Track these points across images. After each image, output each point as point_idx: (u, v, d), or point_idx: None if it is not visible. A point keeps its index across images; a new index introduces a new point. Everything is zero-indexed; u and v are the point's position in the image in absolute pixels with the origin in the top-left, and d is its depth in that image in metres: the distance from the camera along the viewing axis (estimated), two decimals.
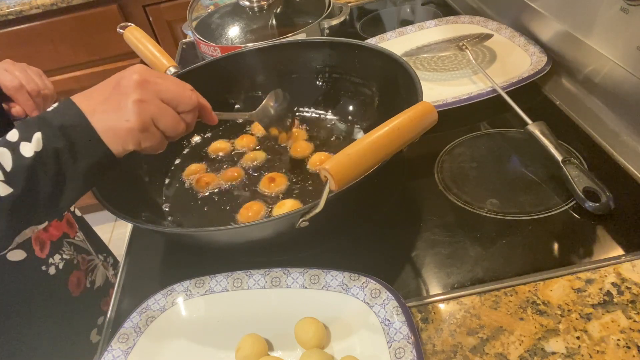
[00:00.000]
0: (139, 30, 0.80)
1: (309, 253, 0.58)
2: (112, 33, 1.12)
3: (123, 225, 2.08)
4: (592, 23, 0.67)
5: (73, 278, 0.79)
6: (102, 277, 0.88)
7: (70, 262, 0.79)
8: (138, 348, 0.50)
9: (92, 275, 0.85)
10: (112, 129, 0.45)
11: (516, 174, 0.63)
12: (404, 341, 0.44)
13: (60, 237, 0.79)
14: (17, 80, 0.73)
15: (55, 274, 0.75)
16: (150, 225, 0.56)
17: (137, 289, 0.61)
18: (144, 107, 0.46)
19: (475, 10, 1.05)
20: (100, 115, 0.45)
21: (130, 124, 0.45)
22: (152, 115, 0.47)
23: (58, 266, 0.76)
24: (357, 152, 0.45)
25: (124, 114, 0.45)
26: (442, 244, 0.56)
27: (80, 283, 0.81)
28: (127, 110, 0.45)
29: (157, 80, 0.48)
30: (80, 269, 0.82)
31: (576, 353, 0.43)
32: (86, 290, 0.82)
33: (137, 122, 0.45)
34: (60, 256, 0.77)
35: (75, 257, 0.81)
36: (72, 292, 0.79)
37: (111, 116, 0.45)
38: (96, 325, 0.82)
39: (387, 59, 0.67)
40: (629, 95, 0.62)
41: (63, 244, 0.79)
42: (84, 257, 0.84)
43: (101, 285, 0.87)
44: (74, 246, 0.82)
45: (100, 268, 0.89)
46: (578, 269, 0.50)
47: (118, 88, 0.46)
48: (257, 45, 0.80)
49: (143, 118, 0.46)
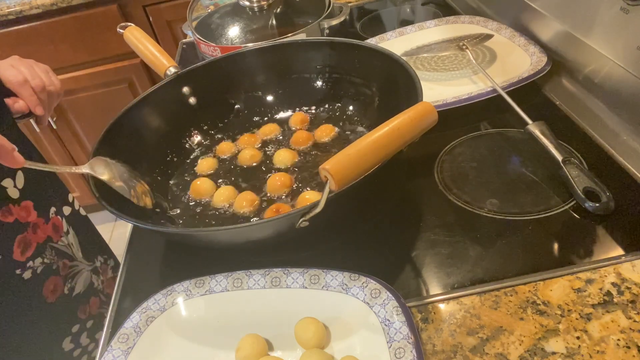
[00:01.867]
0: (139, 30, 0.80)
1: (309, 253, 0.59)
2: (112, 33, 1.12)
3: (123, 225, 2.08)
4: (592, 23, 0.67)
5: (49, 284, 0.78)
6: (83, 283, 0.86)
7: (49, 267, 0.78)
8: (138, 348, 0.50)
9: (72, 282, 0.83)
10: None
11: (516, 174, 0.63)
12: (404, 341, 0.44)
13: (45, 240, 0.78)
14: (22, 75, 0.73)
15: (30, 278, 0.74)
16: (150, 225, 0.56)
17: (137, 289, 0.61)
18: None
19: (475, 10, 1.05)
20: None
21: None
22: None
23: (36, 270, 0.75)
24: (357, 152, 0.45)
25: None
26: (442, 244, 0.56)
27: (57, 289, 0.79)
28: None
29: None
30: (59, 275, 0.80)
31: (576, 353, 0.43)
32: (63, 296, 0.80)
33: None
34: (42, 260, 0.76)
35: (55, 262, 0.80)
36: (47, 297, 0.77)
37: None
38: (70, 334, 0.80)
39: (387, 59, 0.67)
40: (629, 95, 0.63)
41: (46, 247, 0.78)
42: (65, 262, 0.82)
43: (81, 292, 0.85)
44: (56, 250, 0.81)
45: (83, 274, 0.86)
46: (578, 269, 0.50)
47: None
48: (257, 45, 0.80)
49: None
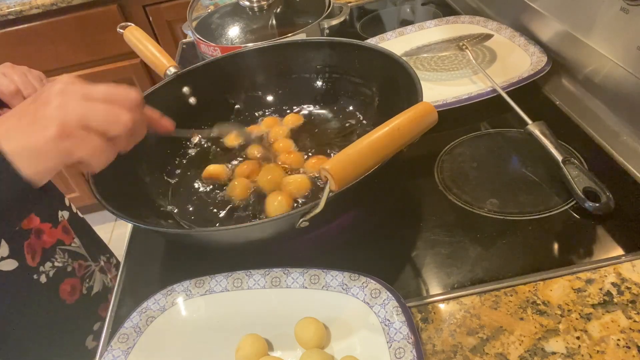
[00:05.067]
0: (139, 30, 0.80)
1: (309, 253, 0.58)
2: (112, 33, 1.11)
3: (123, 225, 2.08)
4: (592, 23, 0.67)
5: (65, 286, 0.78)
6: (99, 283, 0.87)
7: (62, 269, 0.78)
8: (138, 348, 0.50)
9: (89, 282, 0.84)
10: (28, 148, 0.38)
11: (516, 174, 0.63)
12: (404, 341, 0.44)
13: (53, 245, 0.78)
14: (14, 85, 0.70)
15: (46, 282, 0.74)
16: (150, 225, 0.56)
17: (137, 289, 0.61)
18: (65, 110, 0.39)
19: (475, 10, 1.05)
20: (14, 135, 0.38)
21: (49, 132, 0.38)
22: (78, 116, 0.39)
23: (49, 274, 0.75)
24: (357, 152, 0.45)
25: (42, 124, 0.38)
26: (442, 244, 0.56)
27: (74, 290, 0.80)
28: (46, 119, 0.38)
29: (84, 84, 0.41)
30: (75, 276, 0.80)
31: (576, 353, 0.43)
32: (82, 297, 0.81)
33: (57, 127, 0.38)
34: (52, 264, 0.76)
35: (69, 264, 0.80)
36: (66, 300, 0.77)
37: (26, 132, 0.38)
38: (92, 332, 0.81)
39: (387, 59, 0.67)
40: (629, 95, 0.63)
41: (56, 251, 0.78)
42: (80, 263, 0.83)
43: (99, 291, 0.86)
44: (69, 253, 0.81)
45: (97, 274, 0.87)
46: (578, 269, 0.50)
47: (37, 101, 0.40)
48: (257, 45, 0.80)
49: (66, 121, 0.38)
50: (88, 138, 0.39)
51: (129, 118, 0.41)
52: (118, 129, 0.41)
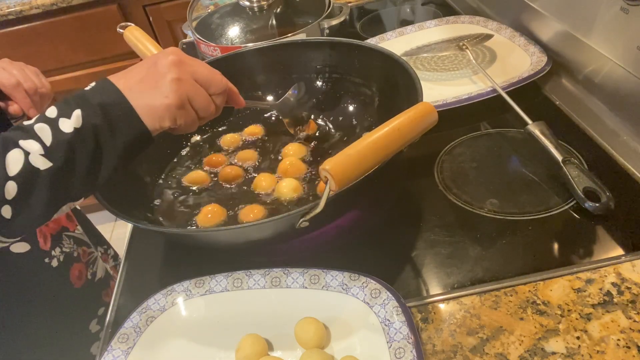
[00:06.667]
0: (139, 30, 0.80)
1: (309, 253, 0.59)
2: (112, 33, 1.11)
3: (123, 225, 2.07)
4: (592, 23, 0.67)
5: (74, 270, 0.80)
6: (102, 269, 0.90)
7: (70, 255, 0.80)
8: (138, 348, 0.50)
9: (93, 267, 0.87)
10: (150, 106, 0.47)
11: (516, 174, 0.63)
12: (404, 341, 0.44)
13: (59, 231, 0.80)
14: (15, 78, 0.74)
15: (57, 266, 0.76)
16: (150, 225, 0.56)
17: (137, 289, 0.61)
18: (180, 85, 0.48)
19: (475, 10, 1.05)
20: (137, 94, 0.47)
21: (168, 101, 0.47)
22: (187, 94, 0.49)
23: (59, 258, 0.77)
24: (357, 152, 0.45)
25: (162, 91, 0.47)
26: (442, 244, 0.56)
27: (81, 275, 0.82)
28: (165, 87, 0.47)
29: (191, 62, 0.50)
30: (81, 261, 0.83)
31: (576, 353, 0.43)
32: (87, 282, 0.83)
33: (174, 98, 0.47)
34: (61, 249, 0.78)
35: (75, 249, 0.82)
36: (74, 284, 0.79)
37: (149, 94, 0.47)
38: (96, 316, 0.83)
39: (387, 59, 0.67)
40: (629, 95, 0.63)
41: (62, 237, 0.80)
42: (84, 249, 0.85)
43: (102, 277, 0.89)
44: (74, 239, 0.83)
45: (99, 261, 0.90)
46: (578, 269, 0.50)
47: (154, 68, 0.48)
48: (257, 45, 0.80)
49: (180, 95, 0.48)
50: (190, 112, 0.50)
51: (218, 105, 0.53)
52: (208, 113, 0.52)
